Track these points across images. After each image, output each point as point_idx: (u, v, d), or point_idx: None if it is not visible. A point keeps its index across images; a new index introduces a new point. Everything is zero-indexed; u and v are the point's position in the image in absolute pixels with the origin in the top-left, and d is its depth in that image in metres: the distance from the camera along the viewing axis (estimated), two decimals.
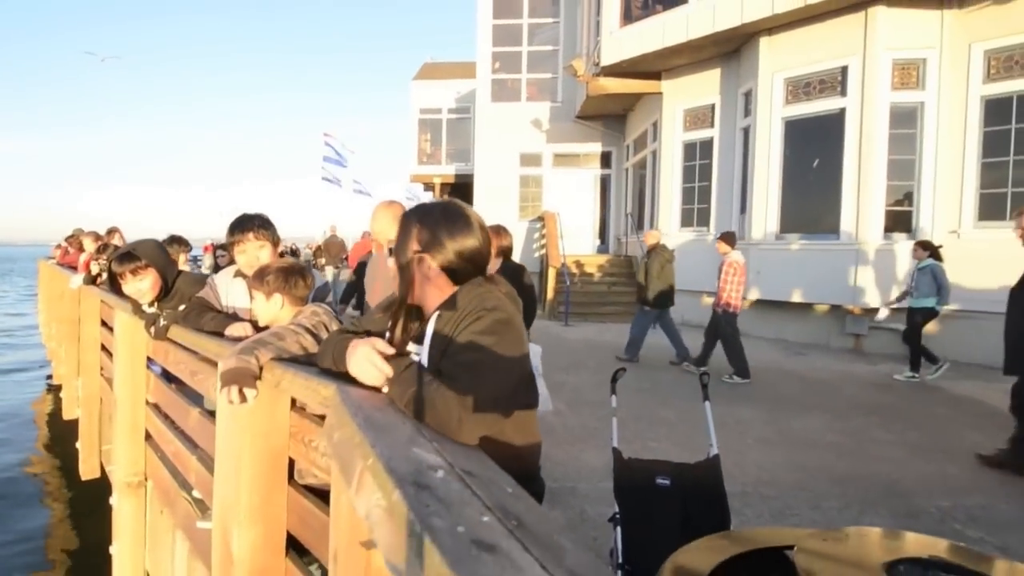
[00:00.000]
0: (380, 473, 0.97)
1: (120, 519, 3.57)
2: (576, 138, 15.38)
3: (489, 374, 1.42)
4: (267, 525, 1.94)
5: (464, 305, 1.51)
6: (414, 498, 0.87)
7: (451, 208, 1.66)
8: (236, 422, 1.97)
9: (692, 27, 9.54)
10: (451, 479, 0.99)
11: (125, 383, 3.64)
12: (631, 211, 14.25)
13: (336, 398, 1.34)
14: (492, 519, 0.86)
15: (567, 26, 15.35)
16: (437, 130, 20.66)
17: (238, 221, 2.76)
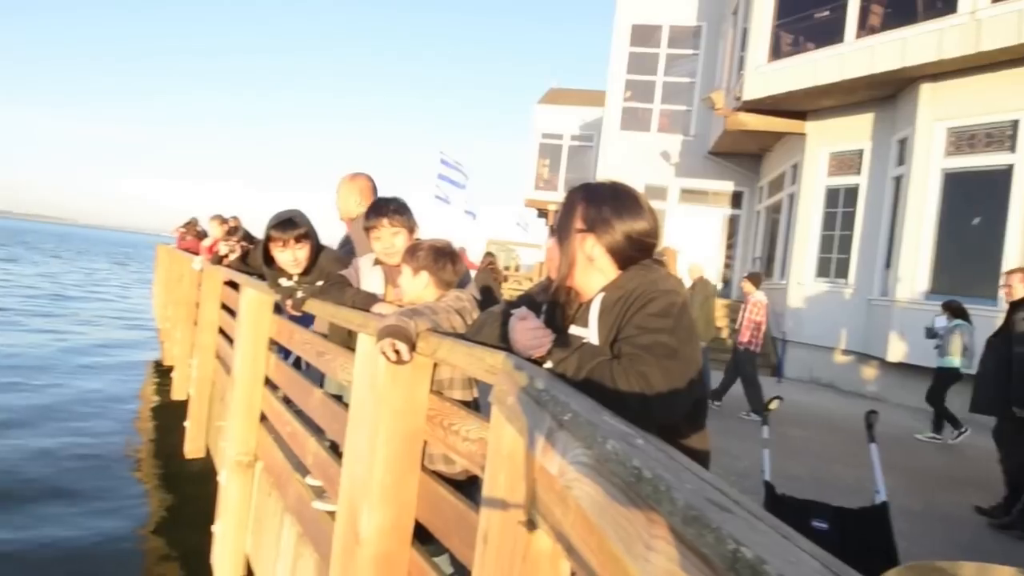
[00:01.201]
0: (583, 426, 0.97)
1: (227, 498, 3.76)
2: (706, 174, 15.19)
3: (668, 360, 1.40)
4: (397, 509, 1.97)
5: (634, 287, 1.51)
6: (629, 449, 0.86)
7: (621, 187, 1.67)
8: (373, 399, 2.04)
9: (847, 67, 9.33)
10: (653, 447, 0.97)
11: (245, 362, 3.84)
12: (759, 255, 13.80)
13: (509, 364, 1.36)
14: (714, 490, 0.84)
15: (707, 59, 15.31)
16: (557, 156, 21.01)
17: (374, 206, 2.82)
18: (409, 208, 2.85)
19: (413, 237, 2.80)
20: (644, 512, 0.79)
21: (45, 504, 5.82)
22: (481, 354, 1.51)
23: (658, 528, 0.75)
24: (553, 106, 21.16)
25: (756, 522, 0.73)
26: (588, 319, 1.57)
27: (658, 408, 1.37)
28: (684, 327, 1.46)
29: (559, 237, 1.66)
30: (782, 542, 0.69)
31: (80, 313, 18.73)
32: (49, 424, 8.03)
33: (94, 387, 10.28)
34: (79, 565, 4.95)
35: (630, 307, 1.48)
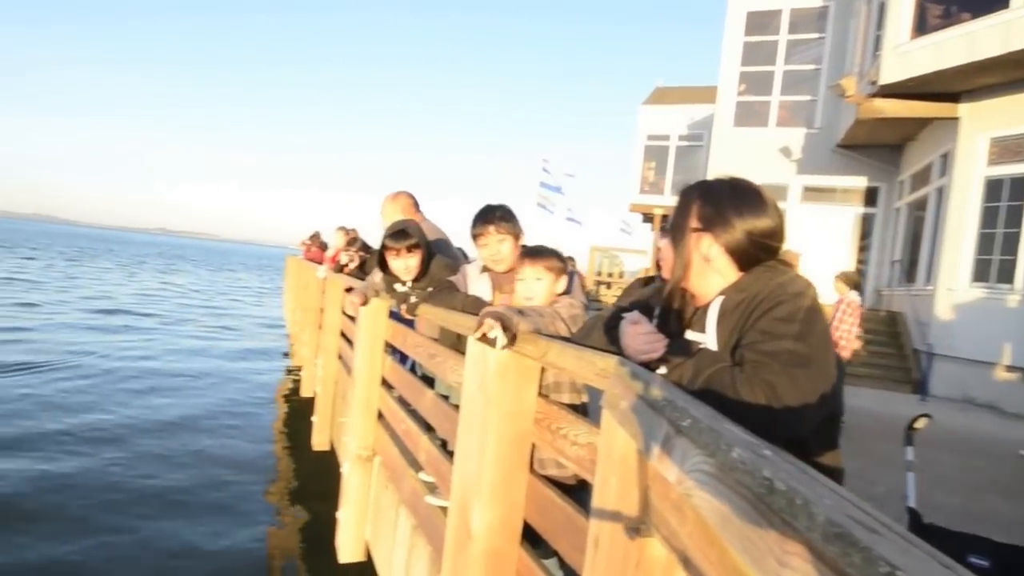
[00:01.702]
0: (704, 432, 0.91)
1: (349, 488, 3.97)
2: (834, 170, 14.12)
3: (797, 368, 1.29)
4: (506, 508, 1.99)
5: (758, 290, 1.41)
6: (758, 459, 0.79)
7: (741, 183, 1.57)
8: (483, 400, 2.07)
9: (1014, 37, 8.21)
10: (782, 460, 0.89)
11: (364, 362, 4.06)
12: (899, 259, 12.68)
13: (621, 368, 1.31)
14: (856, 508, 0.75)
15: (835, 42, 14.25)
16: (663, 158, 20.43)
17: (480, 214, 2.86)
18: (515, 215, 2.89)
19: (519, 244, 2.84)
20: (776, 527, 0.72)
21: (188, 484, 6.52)
22: (592, 357, 1.47)
23: (793, 544, 0.68)
24: (659, 106, 20.59)
25: (909, 546, 0.64)
26: (706, 324, 1.48)
27: (784, 421, 1.26)
28: (816, 333, 1.34)
29: (673, 237, 1.58)
30: (943, 571, 0.60)
31: (224, 317, 20.65)
32: (195, 417, 8.91)
33: (237, 384, 11.31)
34: (209, 543, 5.43)
35: (754, 310, 1.38)
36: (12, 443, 7.00)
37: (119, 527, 5.51)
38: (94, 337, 13.98)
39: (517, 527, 1.99)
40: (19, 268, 31.36)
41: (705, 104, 18.07)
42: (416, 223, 3.48)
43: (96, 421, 8.08)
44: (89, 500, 5.91)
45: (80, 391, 9.41)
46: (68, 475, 6.38)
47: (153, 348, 13.46)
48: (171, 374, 11.30)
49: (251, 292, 34.16)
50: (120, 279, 32.04)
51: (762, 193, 1.54)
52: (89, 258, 49.99)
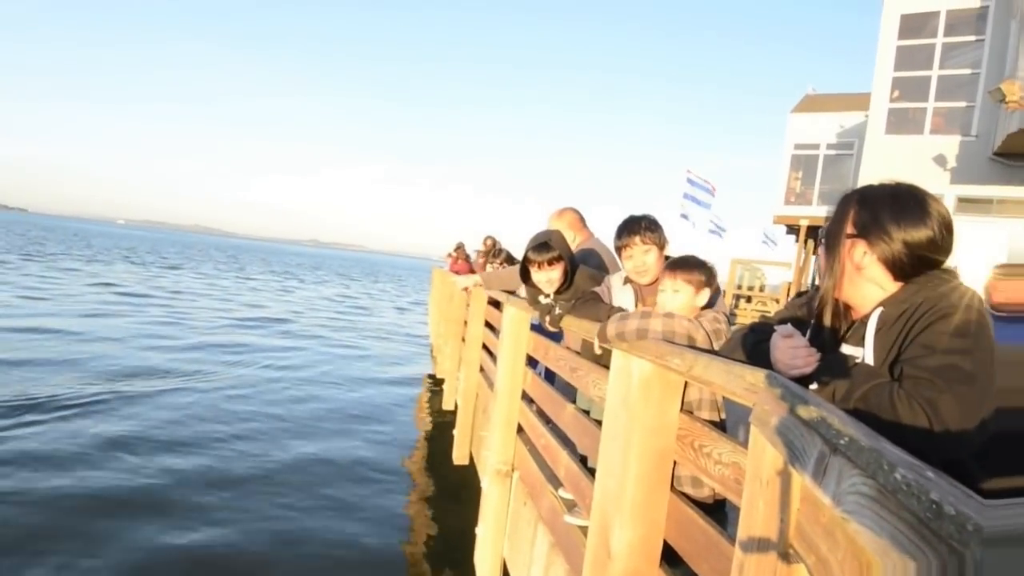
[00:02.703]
0: (864, 451, 0.88)
1: (488, 503, 4.04)
2: (992, 179, 12.74)
3: (963, 386, 1.20)
4: (647, 527, 1.97)
5: (921, 301, 1.33)
6: (922, 480, 0.76)
7: (904, 189, 1.49)
8: (626, 415, 2.06)
9: None
10: (948, 482, 0.84)
11: (506, 375, 4.11)
12: None
13: (772, 383, 1.28)
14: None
15: (994, 44, 12.90)
16: (812, 167, 19.38)
17: (624, 224, 2.85)
18: (660, 225, 2.86)
19: (663, 254, 2.80)
20: (943, 556, 0.69)
21: (332, 489, 6.93)
22: (741, 371, 1.45)
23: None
24: (808, 114, 19.55)
25: None
26: (863, 337, 1.42)
27: (945, 442, 1.18)
28: (983, 349, 1.25)
29: (827, 244, 1.52)
30: None
31: (370, 328, 21.91)
32: (341, 424, 9.51)
33: (381, 393, 11.95)
34: (348, 550, 5.71)
35: (916, 323, 1.31)
36: (186, 441, 7.81)
37: (269, 517, 5.99)
38: (250, 341, 15.29)
39: (657, 548, 1.96)
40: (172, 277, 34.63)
41: (856, 112, 17.05)
42: (560, 234, 3.51)
43: (248, 425, 8.77)
44: (239, 495, 6.47)
45: (237, 398, 10.25)
46: (228, 471, 7.04)
47: (304, 357, 14.40)
48: (320, 382, 12.04)
49: (398, 304, 35.60)
50: (274, 290, 34.48)
51: (927, 201, 1.45)
52: (238, 267, 54.00)
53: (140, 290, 24.80)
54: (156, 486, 6.38)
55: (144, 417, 8.50)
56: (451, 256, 12.20)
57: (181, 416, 8.77)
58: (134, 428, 7.99)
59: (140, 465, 6.84)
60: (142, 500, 6.04)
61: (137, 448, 7.31)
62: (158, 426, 8.18)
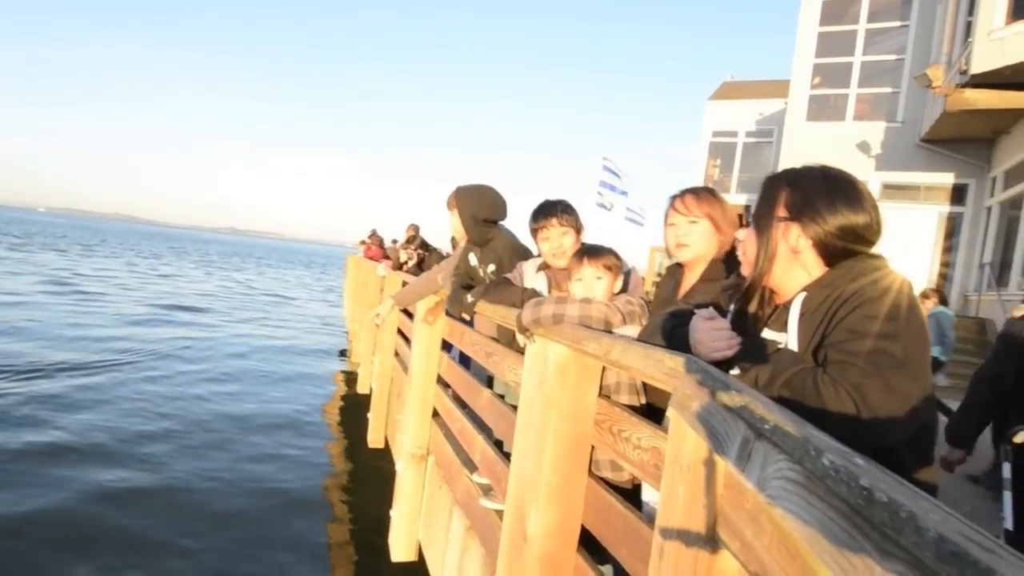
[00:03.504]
0: (789, 436, 0.84)
1: (402, 487, 4.00)
2: (917, 166, 13.46)
3: (891, 371, 1.20)
4: (564, 512, 1.94)
5: (845, 285, 1.32)
6: (853, 468, 0.73)
7: (834, 172, 1.48)
8: (542, 400, 2.02)
9: None
10: (879, 470, 0.82)
11: (420, 360, 4.09)
12: (989, 260, 11.97)
13: (693, 366, 1.25)
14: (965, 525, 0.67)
15: (920, 30, 13.58)
16: (730, 154, 19.89)
17: (540, 207, 2.86)
18: (575, 209, 2.88)
19: (580, 238, 2.83)
20: (875, 541, 0.66)
21: (244, 476, 6.75)
22: (660, 356, 1.41)
23: (896, 563, 0.62)
24: (726, 101, 20.02)
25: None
26: (787, 322, 1.40)
27: (873, 429, 1.17)
28: (913, 334, 1.24)
29: (757, 227, 1.50)
30: None
31: (283, 315, 21.34)
32: (254, 412, 9.22)
33: (295, 379, 11.65)
34: (264, 537, 5.61)
35: (841, 307, 1.29)
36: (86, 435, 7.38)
37: (182, 511, 5.78)
38: (160, 332, 14.65)
39: (574, 532, 1.94)
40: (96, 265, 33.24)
41: (776, 98, 17.58)
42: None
43: (154, 416, 8.43)
44: (151, 481, 6.25)
45: (147, 390, 9.82)
46: (137, 455, 6.78)
47: (213, 345, 13.95)
48: (230, 370, 11.69)
49: (313, 290, 35.17)
50: (191, 276, 33.54)
51: (857, 185, 1.45)
52: (155, 255, 52.64)
53: (57, 277, 23.71)
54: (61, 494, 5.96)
55: (55, 412, 8.01)
56: (365, 243, 12.21)
57: (90, 412, 8.31)
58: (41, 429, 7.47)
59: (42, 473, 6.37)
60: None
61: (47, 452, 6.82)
62: (66, 426, 7.67)
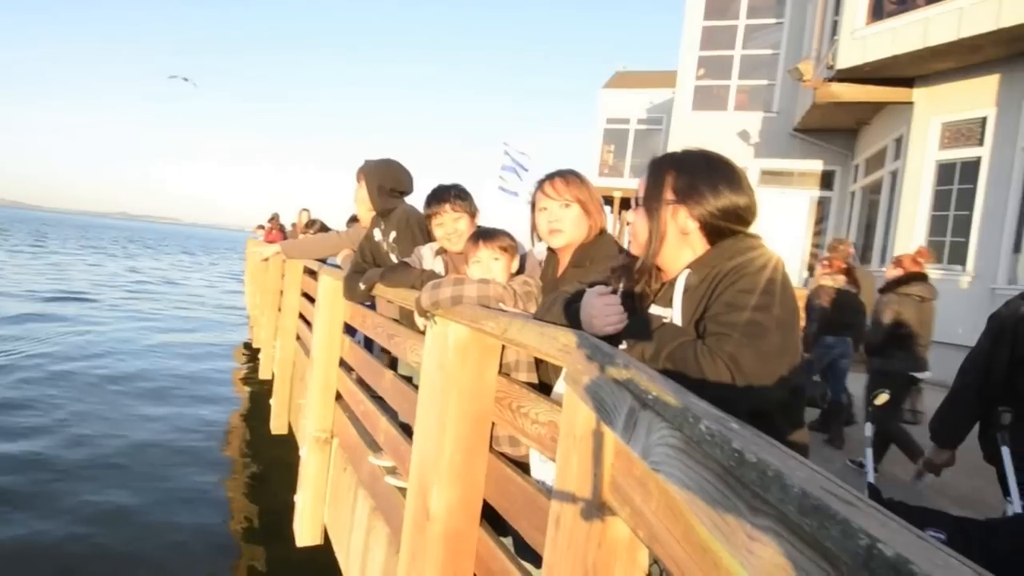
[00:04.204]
0: (671, 405, 0.86)
1: (306, 471, 3.89)
2: (791, 154, 14.36)
3: (762, 340, 1.26)
4: (465, 488, 1.94)
5: (724, 262, 1.37)
6: (725, 431, 0.75)
7: (714, 156, 1.54)
8: (442, 379, 2.01)
9: (967, 23, 8.37)
10: (751, 433, 0.85)
11: (322, 343, 3.98)
12: (855, 241, 12.97)
13: (584, 342, 1.26)
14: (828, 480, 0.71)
15: (793, 27, 14.43)
16: (623, 141, 20.43)
17: (434, 192, 2.82)
18: (470, 193, 2.85)
19: (474, 223, 2.80)
20: (746, 500, 0.68)
21: (144, 471, 6.37)
22: (554, 333, 1.42)
23: (764, 518, 0.64)
24: (619, 90, 20.57)
25: (886, 519, 0.61)
26: (672, 298, 1.45)
27: (747, 394, 1.23)
28: (783, 307, 1.31)
29: (647, 209, 1.53)
30: (922, 543, 0.57)
31: (181, 300, 20.16)
32: (152, 401, 8.70)
33: (195, 366, 11.07)
34: (170, 527, 5.34)
35: (719, 283, 1.35)
36: None
37: (79, 510, 5.43)
38: (47, 324, 13.50)
39: (476, 507, 1.95)
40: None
41: (665, 88, 18.16)
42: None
43: (45, 409, 7.85)
44: (42, 487, 5.80)
45: (36, 378, 9.10)
46: (29, 459, 6.27)
47: (105, 334, 13.05)
48: (120, 361, 10.96)
49: (213, 275, 33.47)
50: (80, 264, 31.16)
51: (736, 167, 1.51)
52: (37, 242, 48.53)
53: None
54: None
55: None
56: (264, 228, 11.77)
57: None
58: None
59: None
60: None
61: None
62: None
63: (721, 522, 0.72)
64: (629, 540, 1.11)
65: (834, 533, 0.54)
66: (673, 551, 0.90)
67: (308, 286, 5.82)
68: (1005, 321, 2.64)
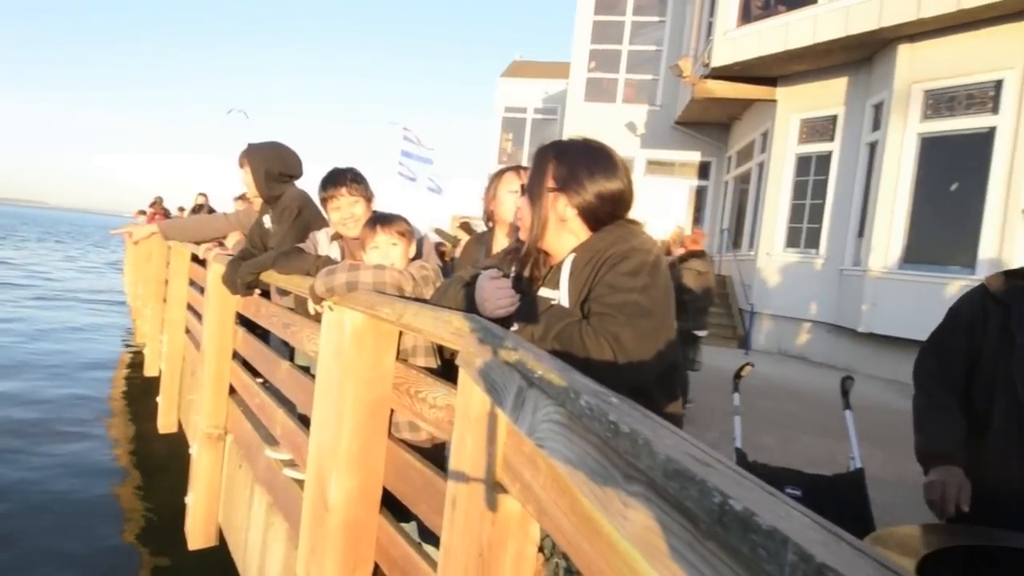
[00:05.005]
0: (554, 383, 0.89)
1: (199, 470, 3.69)
2: (673, 145, 15.07)
3: (641, 319, 1.33)
4: (364, 476, 1.92)
5: (605, 247, 1.43)
6: (605, 405, 0.79)
7: (593, 144, 1.58)
8: (339, 367, 1.97)
9: (820, 30, 9.10)
10: (628, 406, 0.90)
11: (213, 336, 3.76)
12: (728, 227, 13.81)
13: (475, 325, 1.28)
14: (693, 446, 0.77)
15: (674, 26, 15.09)
16: (520, 129, 20.63)
17: (330, 176, 2.73)
18: (365, 178, 2.78)
19: (371, 207, 2.74)
20: (621, 468, 0.72)
21: (21, 480, 5.76)
22: (448, 317, 1.43)
23: (636, 484, 0.68)
24: (517, 79, 20.76)
25: (740, 478, 0.66)
26: (559, 281, 1.49)
27: (628, 370, 1.30)
28: (659, 286, 1.39)
29: (530, 197, 1.56)
30: (770, 498, 0.62)
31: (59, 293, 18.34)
32: (26, 404, 7.87)
33: (74, 364, 10.10)
34: (56, 541, 4.89)
35: (601, 266, 1.40)
36: None
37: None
38: None
39: (376, 495, 1.93)
40: None
41: (560, 79, 18.48)
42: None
43: None
44: None
45: None
46: None
47: None
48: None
49: (88, 264, 30.60)
50: None
51: (613, 155, 1.56)
52: None
53: None
54: None
55: None
56: (146, 212, 10.86)
57: None
58: None
59: None
60: None
61: None
62: None
63: (600, 491, 0.75)
64: (521, 515, 1.14)
65: (693, 493, 0.58)
66: (560, 523, 0.94)
67: (196, 274, 5.46)
68: (959, 311, 1.95)
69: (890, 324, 8.52)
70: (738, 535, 0.54)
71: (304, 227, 3.03)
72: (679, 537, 0.63)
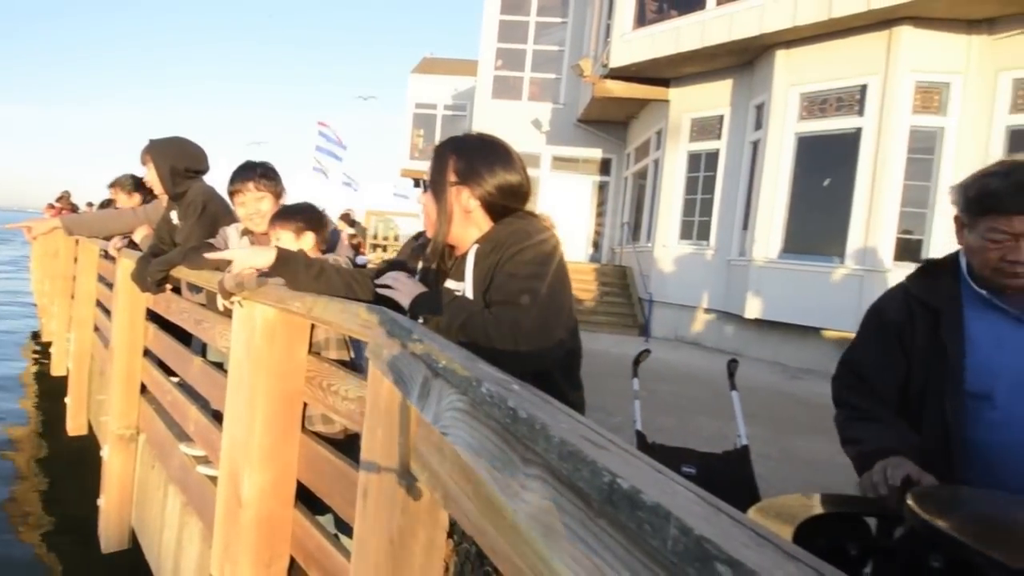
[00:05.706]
0: (458, 372, 0.86)
1: (109, 472, 3.42)
2: (576, 142, 15.29)
3: (539, 308, 1.32)
4: (278, 471, 1.82)
5: (505, 238, 1.42)
6: (505, 392, 0.77)
7: (489, 139, 1.57)
8: (251, 361, 1.87)
9: (708, 34, 9.41)
10: (529, 392, 0.88)
11: (123, 333, 3.51)
12: (628, 221, 14.19)
13: (383, 318, 1.23)
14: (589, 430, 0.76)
15: (575, 27, 15.25)
16: (431, 126, 20.37)
17: (239, 169, 2.59)
18: (277, 173, 2.63)
19: (279, 203, 2.60)
20: (519, 452, 0.70)
21: None
22: (356, 309, 1.37)
23: (533, 467, 0.67)
24: (427, 75, 20.49)
25: (631, 458, 0.66)
26: (464, 272, 1.46)
27: (529, 355, 1.29)
28: (555, 275, 1.39)
29: (434, 192, 1.53)
30: (657, 476, 0.62)
31: None
32: None
33: None
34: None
35: (502, 256, 1.39)
36: None
37: None
38: None
39: (290, 489, 1.84)
40: None
41: (469, 76, 18.36)
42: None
43: None
44: None
45: None
46: None
47: None
48: None
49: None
50: None
51: (509, 149, 1.55)
52: None
53: None
54: None
55: None
56: (54, 207, 9.91)
57: None
58: None
59: None
60: None
61: None
62: None
63: (500, 476, 0.73)
64: (430, 503, 1.11)
65: (585, 474, 0.57)
66: (466, 508, 0.92)
67: (105, 270, 5.05)
68: (881, 312, 1.58)
69: (772, 310, 8.95)
70: (626, 512, 0.53)
71: (211, 222, 2.85)
72: (572, 516, 0.62)
